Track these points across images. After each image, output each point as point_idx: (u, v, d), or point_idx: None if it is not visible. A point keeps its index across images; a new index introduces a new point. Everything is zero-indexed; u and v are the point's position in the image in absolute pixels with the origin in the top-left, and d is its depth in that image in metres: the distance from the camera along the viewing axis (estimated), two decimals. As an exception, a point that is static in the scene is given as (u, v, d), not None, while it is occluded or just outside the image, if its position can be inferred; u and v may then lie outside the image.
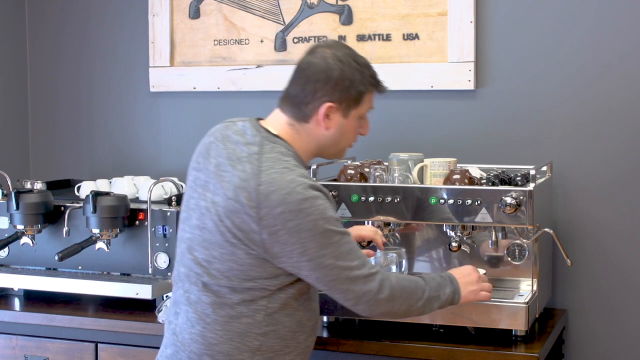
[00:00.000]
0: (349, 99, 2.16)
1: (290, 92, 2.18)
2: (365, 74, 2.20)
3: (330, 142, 2.20)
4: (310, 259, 2.06)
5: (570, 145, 2.98)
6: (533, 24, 3.01)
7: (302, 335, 2.20)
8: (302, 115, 2.16)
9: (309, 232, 2.04)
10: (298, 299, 2.17)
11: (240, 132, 2.18)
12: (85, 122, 3.63)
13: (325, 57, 2.15)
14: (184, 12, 3.42)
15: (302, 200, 2.03)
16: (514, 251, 2.74)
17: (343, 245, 2.09)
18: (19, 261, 3.09)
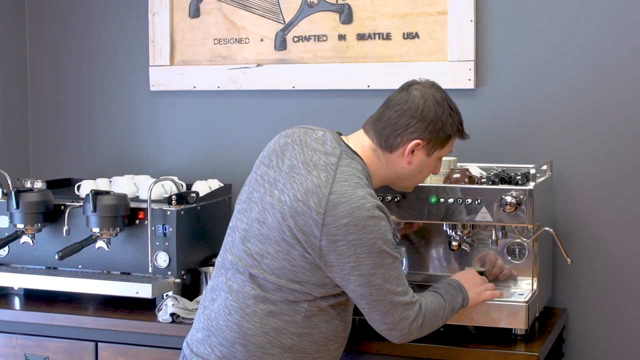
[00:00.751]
0: (437, 140, 2.28)
1: (381, 120, 2.27)
2: (456, 120, 2.32)
3: (407, 176, 2.32)
4: (361, 274, 2.13)
5: (570, 144, 2.98)
6: (533, 23, 3.01)
7: (334, 344, 2.27)
8: (388, 145, 2.26)
9: (367, 249, 2.12)
10: (337, 309, 2.24)
11: (320, 141, 2.25)
12: (85, 121, 3.63)
13: (425, 96, 2.26)
14: (184, 11, 3.42)
15: (368, 217, 2.11)
16: (514, 250, 2.74)
17: (394, 269, 2.18)
18: (19, 260, 3.09)
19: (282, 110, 3.32)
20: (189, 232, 2.91)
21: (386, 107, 2.30)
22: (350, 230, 2.11)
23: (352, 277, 2.15)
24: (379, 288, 2.16)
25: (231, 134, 3.37)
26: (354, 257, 2.12)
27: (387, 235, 2.15)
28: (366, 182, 2.20)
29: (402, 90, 2.31)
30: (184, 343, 2.35)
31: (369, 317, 2.23)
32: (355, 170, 2.20)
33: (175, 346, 2.63)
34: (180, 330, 2.65)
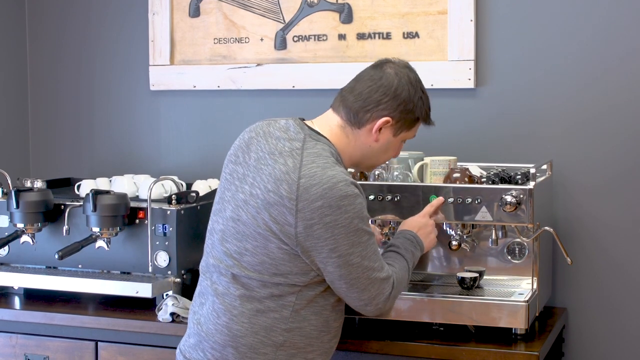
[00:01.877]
0: (405, 121, 2.25)
1: (351, 95, 2.25)
2: (425, 104, 2.30)
3: (372, 154, 2.28)
4: (339, 255, 2.11)
5: (570, 143, 2.98)
6: (533, 22, 3.01)
7: (327, 336, 2.24)
8: (357, 120, 2.23)
9: (344, 229, 2.10)
10: (327, 298, 2.21)
11: (283, 129, 2.23)
12: (85, 121, 3.63)
13: (400, 75, 2.24)
14: (184, 11, 3.42)
15: (342, 196, 2.08)
16: (514, 249, 2.74)
17: (370, 245, 2.16)
18: (19, 260, 3.09)
19: (282, 109, 3.32)
20: (189, 231, 2.91)
21: (358, 81, 2.27)
22: (325, 212, 2.08)
23: (330, 259, 2.12)
24: (358, 266, 2.14)
25: (231, 133, 3.34)
26: (332, 239, 2.10)
27: (363, 212, 2.13)
28: (334, 161, 2.16)
29: (375, 67, 2.28)
30: (177, 350, 2.32)
31: (346, 295, 2.20)
32: (322, 151, 2.16)
33: (175, 345, 2.62)
34: (180, 330, 2.65)
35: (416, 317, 2.57)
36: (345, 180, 2.11)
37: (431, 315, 2.55)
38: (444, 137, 3.08)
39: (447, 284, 2.72)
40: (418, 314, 2.56)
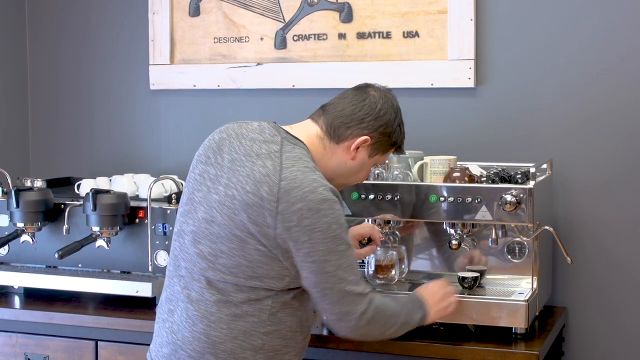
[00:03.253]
0: (382, 144, 2.27)
1: (335, 109, 2.25)
2: (402, 131, 2.33)
3: (345, 172, 2.28)
4: (314, 261, 2.10)
5: (570, 142, 2.98)
6: (533, 21, 3.01)
7: (300, 335, 2.23)
8: (337, 135, 2.23)
9: (321, 234, 2.08)
10: (301, 300, 2.20)
11: (257, 131, 2.21)
12: (85, 120, 3.63)
13: (385, 99, 2.26)
14: (183, 10, 3.42)
15: (322, 200, 2.08)
16: (514, 249, 2.74)
17: (346, 257, 2.13)
18: (19, 259, 3.09)
19: (282, 109, 3.32)
20: (189, 231, 2.91)
21: (341, 99, 2.28)
22: (304, 215, 2.06)
23: (306, 263, 2.10)
24: (332, 275, 2.10)
25: (231, 132, 3.37)
26: (309, 243, 2.07)
27: (341, 220, 2.11)
28: (314, 166, 2.16)
29: (358, 89, 2.29)
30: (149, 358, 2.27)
31: (320, 306, 2.17)
32: (301, 155, 2.15)
33: (175, 345, 2.63)
34: (180, 329, 2.65)
35: (416, 317, 2.56)
36: (325, 185, 2.10)
37: (431, 314, 2.55)
38: (444, 137, 3.08)
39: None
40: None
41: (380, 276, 2.65)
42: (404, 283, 2.72)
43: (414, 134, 3.13)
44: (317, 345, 2.57)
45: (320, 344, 2.57)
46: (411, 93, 3.14)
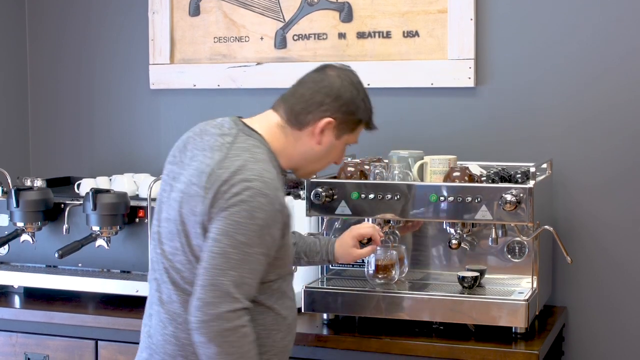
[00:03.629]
0: (348, 123, 2.20)
1: (293, 97, 2.20)
2: (368, 107, 2.25)
3: (314, 157, 2.22)
4: (210, 237, 1.99)
5: (570, 142, 2.98)
6: (533, 21, 3.01)
7: (278, 334, 2.16)
8: (298, 122, 2.17)
9: (229, 216, 1.98)
10: (271, 296, 2.12)
11: (218, 126, 2.18)
12: (85, 120, 3.63)
13: (342, 77, 2.20)
14: (183, 10, 3.42)
15: (246, 188, 1.99)
16: (514, 248, 2.74)
17: (242, 252, 1.98)
18: (19, 258, 3.09)
19: (282, 108, 3.32)
20: (189, 230, 2.91)
21: (299, 84, 2.22)
22: (230, 202, 1.98)
23: (206, 245, 2.00)
24: (216, 256, 1.97)
25: (231, 132, 3.37)
26: (216, 223, 1.99)
27: (258, 214, 1.98)
28: (263, 158, 2.08)
29: (317, 71, 2.23)
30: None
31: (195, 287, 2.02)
32: (252, 146, 2.09)
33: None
34: (180, 329, 2.65)
35: (416, 316, 2.57)
36: (261, 177, 2.01)
37: (431, 314, 2.55)
38: (444, 136, 3.08)
39: (448, 282, 2.72)
40: (418, 313, 2.56)
41: (380, 276, 2.65)
42: (403, 282, 2.72)
43: (414, 133, 3.14)
44: (316, 344, 2.57)
45: (320, 344, 2.57)
46: (411, 93, 3.14)
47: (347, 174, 2.71)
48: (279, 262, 2.12)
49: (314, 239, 2.49)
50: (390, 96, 3.17)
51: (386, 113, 3.16)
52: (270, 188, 2.02)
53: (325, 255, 2.48)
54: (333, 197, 2.63)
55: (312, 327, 2.66)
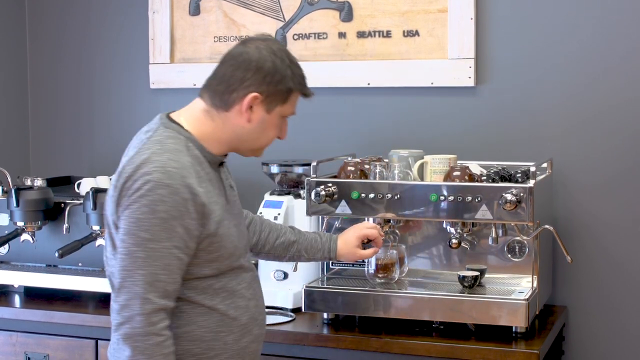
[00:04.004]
0: (276, 94, 2.07)
1: (214, 79, 2.08)
2: (296, 73, 2.10)
3: (248, 136, 2.10)
4: (119, 239, 1.95)
5: (570, 142, 2.98)
6: (533, 20, 3.00)
7: (229, 336, 2.06)
8: (223, 103, 2.06)
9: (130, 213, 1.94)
10: (214, 296, 2.04)
11: (148, 124, 2.12)
12: (86, 119, 3.63)
13: (260, 48, 2.05)
14: (184, 9, 3.42)
15: (146, 182, 1.93)
16: (514, 248, 2.73)
17: (148, 248, 1.92)
18: (19, 258, 3.09)
19: (282, 108, 3.32)
20: (189, 230, 2.91)
21: (220, 65, 2.09)
22: (131, 199, 1.92)
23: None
24: (123, 257, 1.93)
25: (231, 131, 3.37)
26: (122, 222, 1.94)
27: (159, 206, 1.91)
28: (174, 148, 1.99)
29: (236, 47, 2.09)
30: None
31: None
32: (165, 138, 2.02)
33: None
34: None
35: (416, 315, 2.57)
36: (163, 168, 1.93)
37: (431, 313, 2.55)
38: (444, 136, 3.09)
39: (448, 282, 2.72)
40: (418, 312, 2.56)
41: (380, 275, 2.65)
42: (404, 282, 2.72)
43: (414, 133, 3.15)
44: (317, 344, 2.58)
45: (320, 343, 2.57)
46: (411, 92, 3.14)
47: (347, 174, 2.71)
48: (213, 256, 2.02)
49: (314, 236, 2.47)
50: (390, 96, 3.17)
51: (386, 112, 3.18)
52: (173, 178, 1.93)
53: (327, 252, 2.44)
54: (333, 196, 2.63)
55: (312, 326, 2.66)
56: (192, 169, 1.99)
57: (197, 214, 1.96)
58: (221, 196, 2.08)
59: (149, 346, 1.91)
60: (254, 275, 2.18)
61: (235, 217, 2.15)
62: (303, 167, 2.98)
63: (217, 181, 2.10)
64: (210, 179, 2.05)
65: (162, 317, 1.93)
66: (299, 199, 2.92)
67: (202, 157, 2.05)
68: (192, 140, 2.05)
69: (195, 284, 2.02)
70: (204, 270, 2.02)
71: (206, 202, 1.98)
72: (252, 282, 2.15)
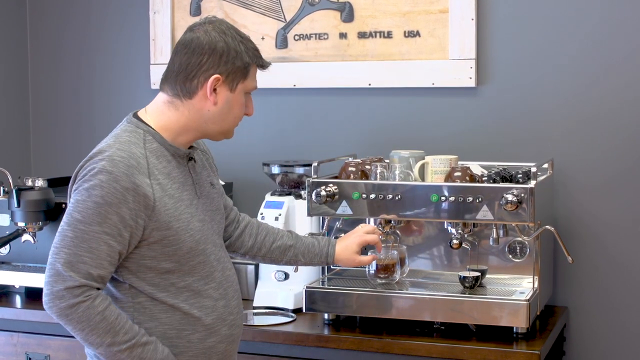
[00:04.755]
0: (236, 71, 2.11)
1: (172, 70, 2.11)
2: (249, 46, 2.15)
3: (216, 118, 2.11)
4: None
5: (571, 142, 2.98)
6: (534, 20, 3.00)
7: (193, 335, 2.08)
8: (186, 91, 2.09)
9: (73, 197, 2.02)
10: (176, 295, 2.06)
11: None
12: (86, 119, 3.63)
13: (208, 31, 2.09)
14: (185, 10, 3.42)
15: (92, 169, 2.02)
16: (515, 248, 2.74)
17: (77, 230, 1.97)
18: (20, 258, 3.09)
19: (283, 108, 3.32)
20: (190, 230, 2.91)
21: (173, 55, 2.12)
22: (76, 185, 2.03)
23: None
24: (56, 236, 2.01)
25: (232, 132, 3.37)
26: (68, 207, 2.02)
27: (95, 191, 1.97)
28: (127, 139, 2.06)
29: (185, 34, 2.12)
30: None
31: None
32: (122, 131, 2.10)
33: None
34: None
35: (417, 316, 2.57)
36: (110, 157, 2.00)
37: (432, 313, 2.55)
38: (445, 136, 3.09)
39: (449, 282, 2.72)
40: (419, 313, 2.56)
41: (381, 275, 2.65)
42: (404, 282, 2.72)
43: (415, 133, 3.15)
44: (317, 345, 2.58)
45: (321, 344, 2.57)
46: (412, 92, 3.14)
47: (348, 174, 2.71)
48: (169, 249, 2.03)
49: (312, 240, 2.45)
50: (391, 96, 3.17)
51: (387, 113, 3.18)
52: (116, 166, 1.99)
53: (325, 257, 2.43)
54: (334, 197, 2.63)
55: (313, 327, 2.66)
56: (143, 160, 2.04)
57: (137, 205, 1.98)
58: (185, 191, 2.10)
59: (81, 314, 1.97)
60: (228, 276, 2.18)
61: (207, 213, 2.16)
62: (304, 168, 2.98)
63: (182, 176, 2.12)
64: (169, 173, 2.08)
65: (84, 289, 1.96)
66: (299, 200, 2.92)
67: (163, 150, 2.09)
68: (152, 133, 2.10)
69: (157, 280, 2.05)
70: (163, 264, 2.05)
71: (151, 195, 2.00)
72: (224, 282, 2.16)
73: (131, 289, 2.05)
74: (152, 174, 2.03)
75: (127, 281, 2.05)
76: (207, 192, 2.19)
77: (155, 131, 2.10)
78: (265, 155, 3.27)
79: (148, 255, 2.03)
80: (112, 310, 1.98)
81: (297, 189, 2.98)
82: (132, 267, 2.04)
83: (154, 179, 2.02)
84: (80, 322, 1.97)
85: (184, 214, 2.06)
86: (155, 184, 2.02)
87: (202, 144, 2.32)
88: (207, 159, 2.29)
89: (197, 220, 2.10)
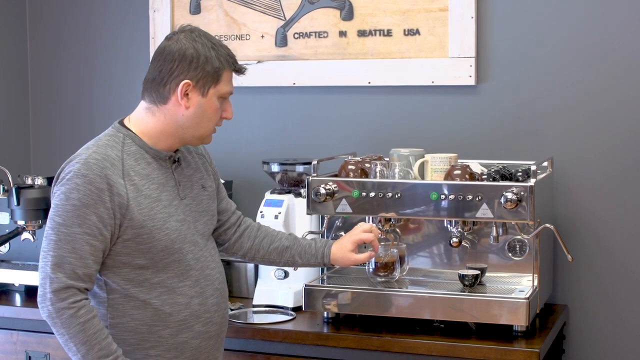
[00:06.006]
0: (206, 76, 2.17)
1: (148, 78, 2.22)
2: (221, 52, 2.21)
3: (190, 123, 2.19)
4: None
5: (571, 140, 2.98)
6: (534, 19, 3.00)
7: (164, 331, 2.16)
8: (160, 97, 2.19)
9: (53, 201, 2.12)
10: (149, 290, 2.14)
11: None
12: (86, 118, 3.63)
13: (179, 39, 2.18)
14: (184, 8, 3.42)
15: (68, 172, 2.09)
16: (514, 247, 2.74)
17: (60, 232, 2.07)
18: (20, 257, 3.09)
19: (283, 106, 3.32)
20: (190, 228, 2.91)
21: (151, 63, 2.23)
22: (54, 190, 2.12)
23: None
24: (43, 242, 2.10)
25: (232, 130, 3.36)
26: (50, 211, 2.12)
27: (73, 194, 2.06)
28: (105, 143, 2.15)
29: (161, 43, 2.23)
30: None
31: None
32: (103, 136, 2.19)
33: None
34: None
35: (417, 314, 2.57)
36: (85, 160, 2.09)
37: (432, 312, 2.55)
38: (445, 134, 3.08)
39: (448, 280, 2.72)
40: (419, 311, 2.56)
41: (381, 274, 2.65)
42: (404, 281, 2.72)
43: (415, 131, 3.15)
44: (317, 343, 2.58)
45: (320, 342, 2.57)
46: (412, 91, 3.14)
47: (348, 172, 2.71)
48: (143, 247, 2.12)
49: (309, 241, 2.48)
50: (391, 94, 3.17)
51: (387, 111, 3.18)
52: (91, 169, 2.08)
53: (321, 257, 2.45)
54: (334, 195, 2.63)
55: (312, 325, 2.66)
56: (118, 161, 2.13)
57: (113, 204, 2.09)
58: (164, 192, 2.18)
59: (64, 320, 2.04)
60: (208, 275, 2.24)
61: (191, 214, 2.24)
62: (304, 166, 2.98)
63: (164, 177, 2.20)
64: (148, 174, 2.17)
65: (71, 293, 2.05)
66: (299, 198, 2.92)
67: (143, 152, 2.19)
68: (131, 136, 2.20)
69: (132, 276, 2.14)
70: (137, 261, 2.14)
71: (124, 194, 2.10)
72: (202, 280, 2.22)
73: (107, 285, 2.14)
74: (127, 175, 2.13)
75: (103, 277, 2.14)
76: (195, 194, 2.27)
77: (135, 135, 2.21)
78: (265, 153, 3.27)
79: (123, 252, 2.12)
80: (93, 325, 2.06)
81: (297, 187, 2.98)
82: (108, 262, 2.13)
83: (128, 180, 2.12)
84: (62, 328, 2.05)
85: (160, 213, 2.15)
86: (130, 185, 2.12)
87: (200, 148, 2.39)
88: (203, 162, 2.37)
89: (175, 220, 2.18)
